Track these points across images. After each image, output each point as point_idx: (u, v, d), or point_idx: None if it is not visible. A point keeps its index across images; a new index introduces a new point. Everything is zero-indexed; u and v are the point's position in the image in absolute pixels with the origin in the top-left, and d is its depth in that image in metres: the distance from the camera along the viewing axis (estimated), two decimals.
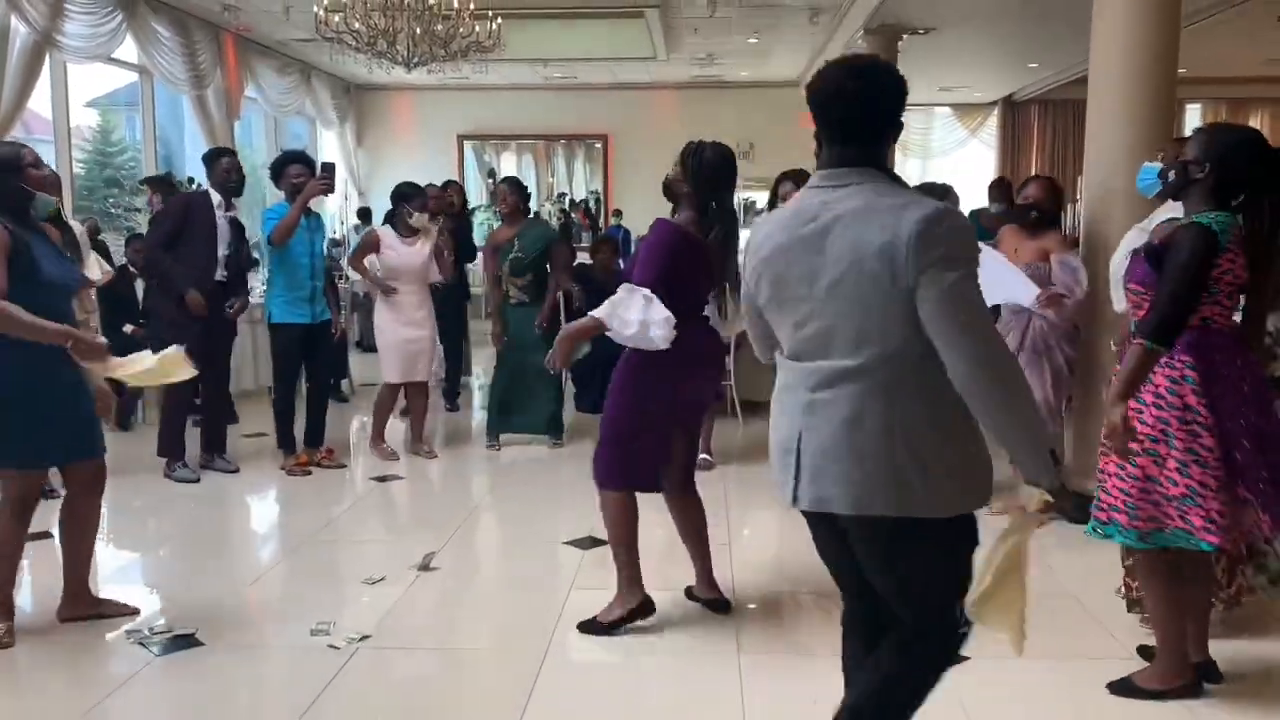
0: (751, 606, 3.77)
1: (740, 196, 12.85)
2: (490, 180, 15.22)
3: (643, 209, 12.55)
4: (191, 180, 9.45)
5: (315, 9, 8.15)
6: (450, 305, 7.08)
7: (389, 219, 6.40)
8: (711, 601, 3.71)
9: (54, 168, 9.39)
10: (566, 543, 4.42)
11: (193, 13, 10.86)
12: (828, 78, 2.16)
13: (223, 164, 5.59)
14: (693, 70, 14.50)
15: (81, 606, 3.59)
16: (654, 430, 3.48)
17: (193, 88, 10.99)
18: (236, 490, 5.54)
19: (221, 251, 5.49)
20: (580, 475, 4.78)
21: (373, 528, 4.94)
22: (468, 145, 16.12)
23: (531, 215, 6.61)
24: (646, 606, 3.54)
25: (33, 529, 4.60)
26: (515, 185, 6.24)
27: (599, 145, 16.23)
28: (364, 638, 3.41)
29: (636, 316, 3.26)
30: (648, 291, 3.28)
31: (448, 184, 8.32)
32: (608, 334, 3.33)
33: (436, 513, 5.09)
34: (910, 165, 15.78)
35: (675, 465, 3.65)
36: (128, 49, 10.20)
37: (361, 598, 3.85)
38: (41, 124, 11.32)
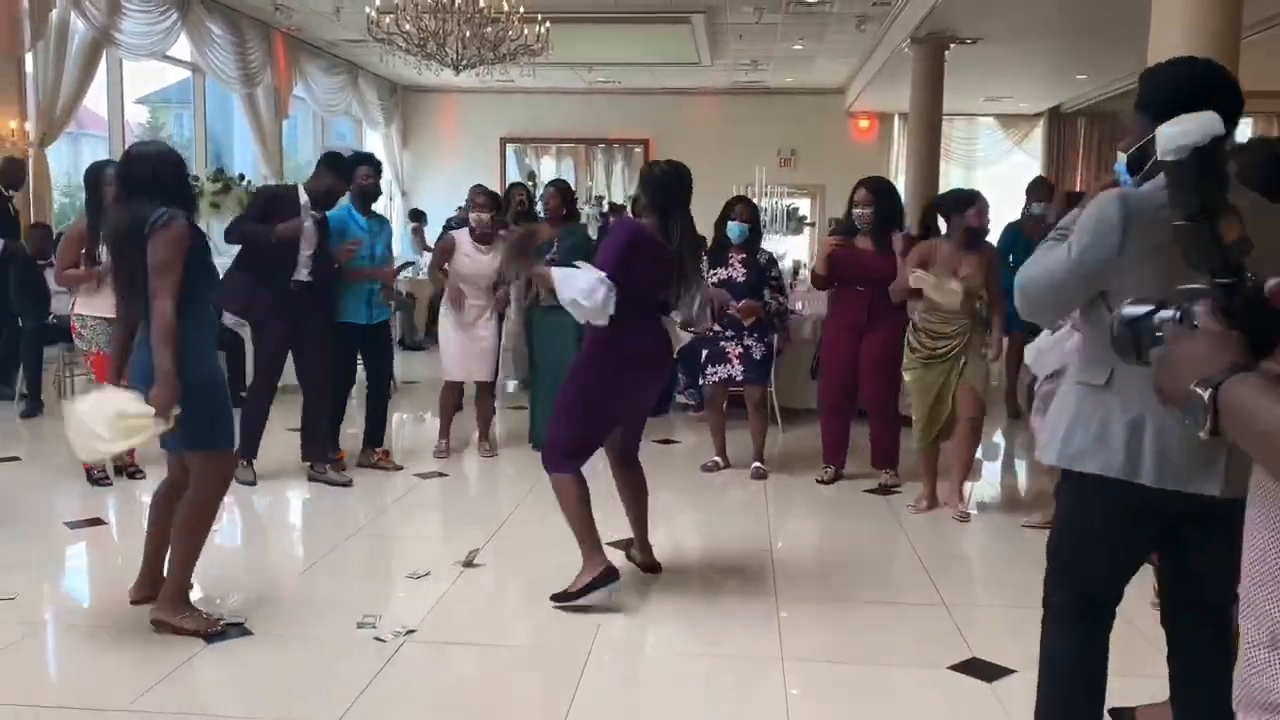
0: (785, 614, 3.76)
1: (783, 203, 12.84)
2: (530, 183, 15.31)
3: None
4: (242, 177, 9.57)
5: (367, 10, 8.25)
6: None
7: (454, 225, 6.46)
8: (645, 564, 4.09)
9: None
10: (608, 544, 4.43)
11: (245, 12, 11.02)
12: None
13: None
14: (736, 76, 14.52)
15: (156, 587, 3.62)
16: (597, 418, 3.79)
17: (243, 86, 11.15)
18: (284, 484, 5.62)
19: (305, 252, 5.23)
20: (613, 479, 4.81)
21: (418, 524, 4.99)
22: (509, 148, 16.23)
23: (576, 221, 6.63)
24: (610, 574, 3.73)
25: (84, 516, 4.73)
26: (561, 188, 6.27)
27: (639, 150, 16.27)
28: (409, 631, 3.44)
29: (583, 286, 3.61)
30: (601, 274, 3.61)
31: (514, 186, 8.42)
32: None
33: (481, 511, 5.13)
34: (952, 175, 15.67)
35: (615, 446, 3.97)
36: (181, 47, 10.38)
37: (406, 592, 3.89)
38: (94, 119, 11.54)
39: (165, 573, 3.55)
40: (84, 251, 5.19)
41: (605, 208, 15.79)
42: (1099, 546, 2.29)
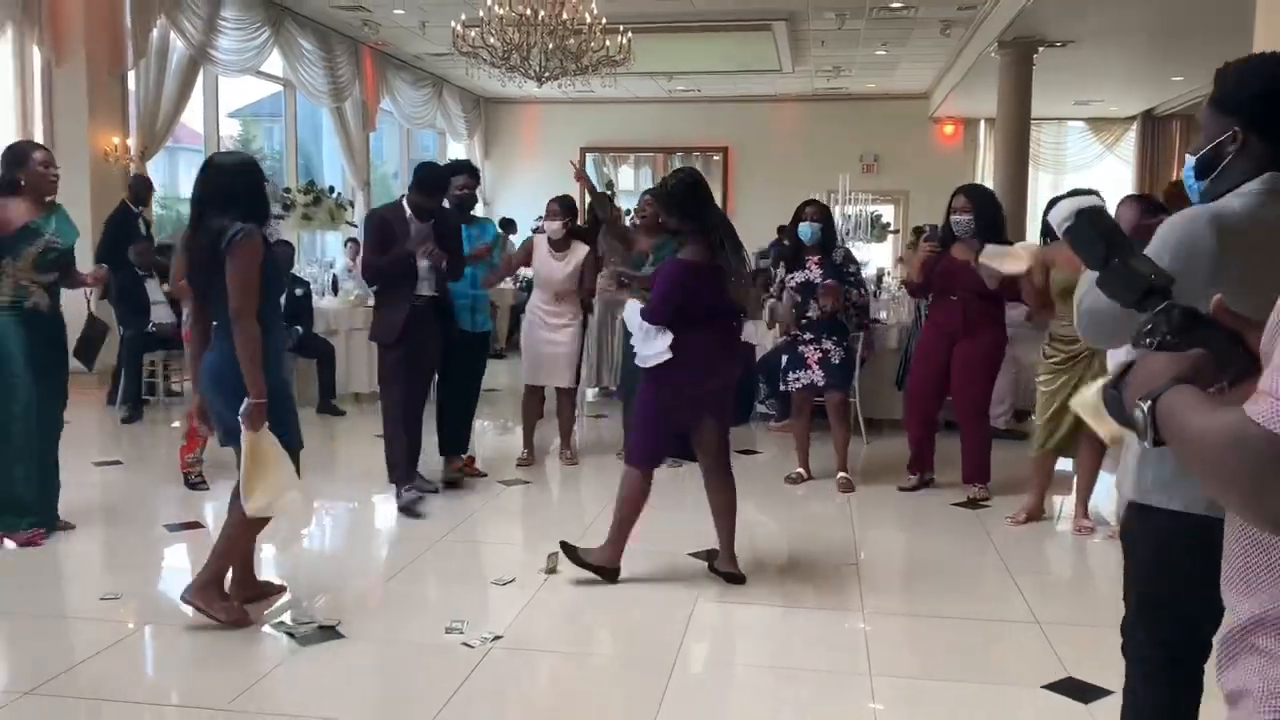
0: (870, 629, 3.70)
1: (867, 209, 12.69)
2: (609, 191, 15.38)
3: (761, 220, 12.51)
4: (332, 189, 9.79)
5: (452, 24, 8.39)
6: None
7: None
8: (729, 575, 4.11)
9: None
10: (690, 554, 4.42)
11: (335, 28, 11.31)
12: None
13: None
14: (817, 83, 14.42)
15: (250, 588, 3.77)
16: (669, 423, 4.07)
17: (332, 100, 11.43)
18: (372, 491, 5.73)
19: (424, 263, 5.01)
20: (701, 488, 4.78)
21: (502, 531, 5.04)
22: (589, 157, 16.34)
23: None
24: (612, 574, 4.04)
25: (183, 519, 4.88)
26: (657, 197, 6.28)
27: (716, 157, 16.26)
28: (496, 638, 3.47)
29: (644, 346, 3.98)
30: (652, 327, 3.94)
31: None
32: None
33: (563, 518, 5.15)
34: (1041, 181, 15.34)
35: (705, 453, 4.15)
36: (273, 62, 10.69)
37: (492, 598, 3.93)
38: (189, 134, 11.94)
39: (251, 570, 3.75)
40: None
41: None
42: (1183, 586, 2.03)
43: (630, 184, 16.59)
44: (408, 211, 5.08)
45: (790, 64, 12.93)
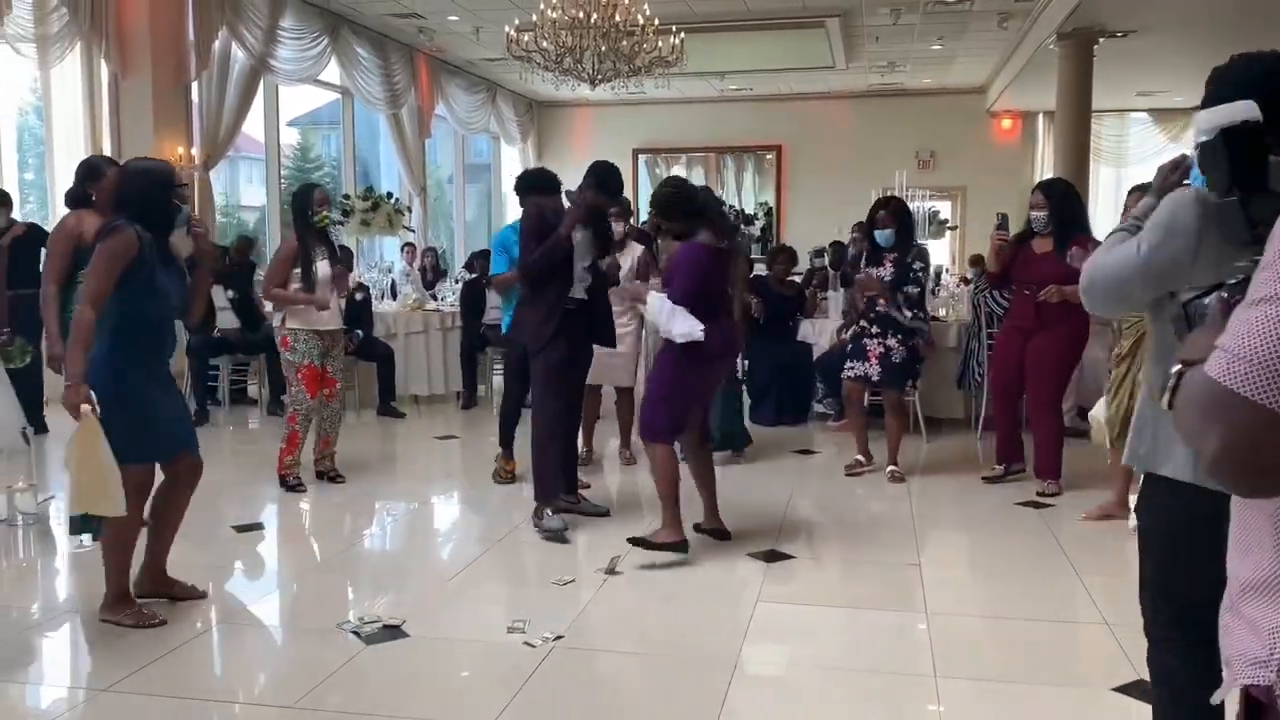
0: (935, 629, 3.65)
1: (924, 206, 12.53)
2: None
3: (815, 218, 12.45)
4: (390, 195, 9.91)
5: (506, 29, 8.46)
6: None
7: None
8: (714, 530, 4.55)
9: (265, 183, 10.06)
10: (750, 555, 4.41)
11: (390, 35, 11.45)
12: None
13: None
14: (871, 79, 14.29)
15: (158, 585, 3.84)
16: (685, 400, 4.37)
17: (389, 107, 11.57)
18: (433, 491, 5.80)
19: (582, 264, 4.84)
20: (759, 489, 4.79)
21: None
22: (641, 158, 16.37)
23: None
24: (683, 545, 4.29)
25: (252, 519, 4.97)
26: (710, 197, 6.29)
27: (770, 157, 16.18)
28: (558, 637, 3.49)
29: (669, 323, 4.24)
30: (678, 309, 4.21)
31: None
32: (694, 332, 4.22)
33: (621, 519, 5.16)
34: (1102, 174, 15.04)
35: (691, 428, 4.49)
36: (330, 71, 10.86)
37: (553, 598, 3.95)
38: (248, 143, 12.17)
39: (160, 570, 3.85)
40: (299, 269, 5.35)
41: (737, 220, 15.79)
42: (1187, 556, 2.10)
43: None
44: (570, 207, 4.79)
45: (844, 60, 12.82)
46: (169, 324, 3.71)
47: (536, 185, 5.36)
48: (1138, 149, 15.52)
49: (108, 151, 8.20)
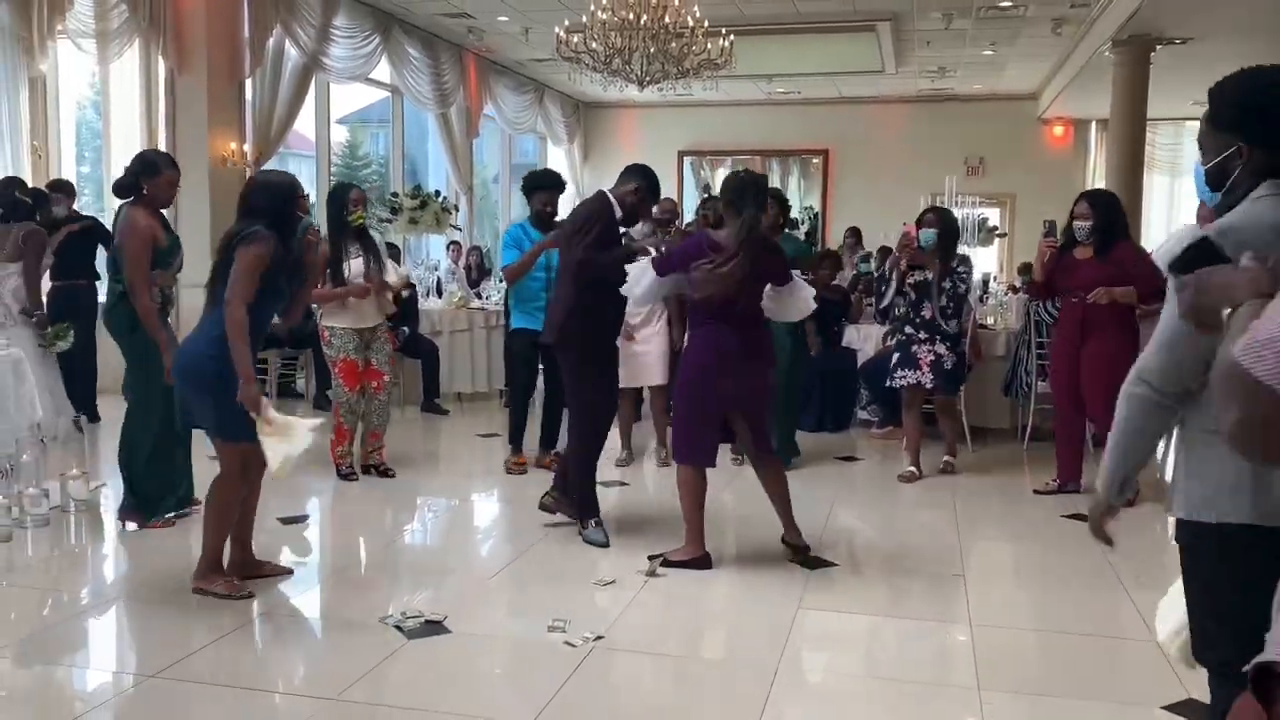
0: (979, 641, 3.60)
1: (974, 213, 12.38)
2: (705, 194, 15.37)
3: (862, 222, 12.32)
4: (438, 193, 9.98)
5: (555, 30, 8.49)
6: None
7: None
8: (793, 545, 4.40)
9: (314, 180, 10.15)
10: (792, 560, 4.38)
11: (441, 35, 11.54)
12: None
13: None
14: (921, 84, 14.16)
15: (249, 569, 4.03)
16: (705, 415, 4.25)
17: (438, 106, 11.66)
18: (475, 488, 5.83)
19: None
20: (802, 495, 4.75)
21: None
22: (686, 160, 16.35)
23: (789, 230, 6.63)
24: (705, 561, 4.25)
25: (296, 512, 5.01)
26: (777, 198, 6.28)
27: (816, 160, 16.09)
28: (598, 638, 3.49)
29: (640, 275, 4.26)
30: (646, 274, 4.24)
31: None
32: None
33: (661, 520, 5.15)
34: (1155, 184, 14.80)
35: (741, 442, 4.46)
36: (380, 70, 10.96)
37: (593, 598, 3.95)
38: (298, 140, 12.33)
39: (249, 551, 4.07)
40: (328, 269, 5.39)
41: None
42: (1245, 597, 1.84)
43: None
44: (617, 210, 4.61)
45: (894, 65, 12.72)
46: (269, 321, 4.00)
47: (542, 184, 5.83)
48: (1193, 159, 15.19)
49: (163, 146, 8.34)
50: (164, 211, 4.76)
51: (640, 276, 4.27)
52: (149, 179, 4.52)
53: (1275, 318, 1.08)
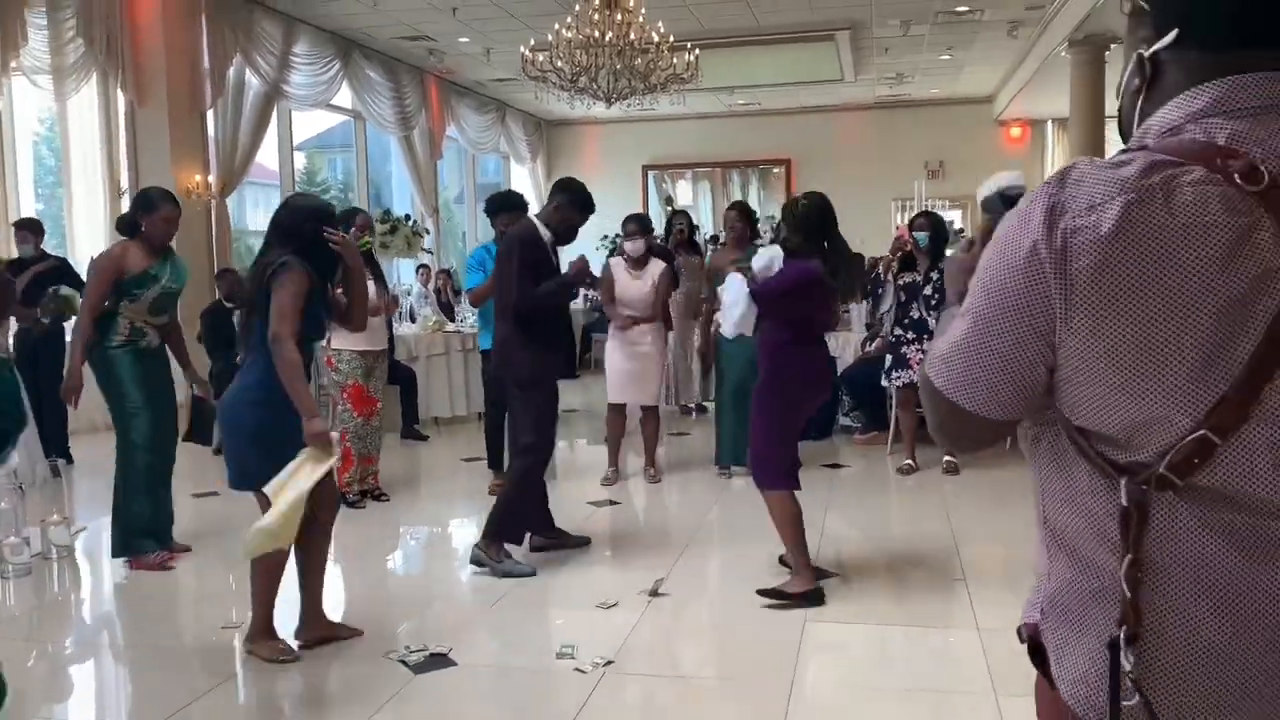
0: (991, 648, 3.60)
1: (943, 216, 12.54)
2: (668, 208, 15.39)
3: None
4: (408, 218, 9.90)
5: (521, 50, 8.47)
6: None
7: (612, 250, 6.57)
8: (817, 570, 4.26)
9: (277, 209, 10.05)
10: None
11: (400, 58, 11.48)
12: None
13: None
14: (879, 90, 14.31)
15: (322, 630, 3.71)
16: (790, 438, 4.15)
17: (401, 129, 11.60)
18: (466, 513, 5.76)
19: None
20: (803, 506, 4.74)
21: (597, 552, 5.00)
22: (650, 174, 16.39)
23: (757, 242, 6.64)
24: (818, 595, 3.98)
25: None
26: (743, 211, 6.31)
27: (776, 171, 16.18)
28: (608, 663, 3.45)
29: (732, 308, 4.11)
30: (744, 306, 4.07)
31: (676, 213, 8.59)
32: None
33: (658, 538, 5.13)
34: None
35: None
36: (342, 95, 10.88)
37: (598, 622, 3.90)
38: (257, 169, 12.18)
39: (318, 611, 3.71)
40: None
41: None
42: None
43: (689, 199, 16.58)
44: (545, 234, 4.52)
45: (853, 73, 12.84)
46: (313, 354, 3.82)
47: (505, 206, 5.74)
48: None
49: (125, 181, 8.22)
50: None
51: (735, 303, 4.10)
52: (145, 215, 4.48)
53: (951, 334, 1.15)
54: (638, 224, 6.24)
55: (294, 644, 3.61)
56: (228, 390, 3.58)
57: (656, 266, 6.14)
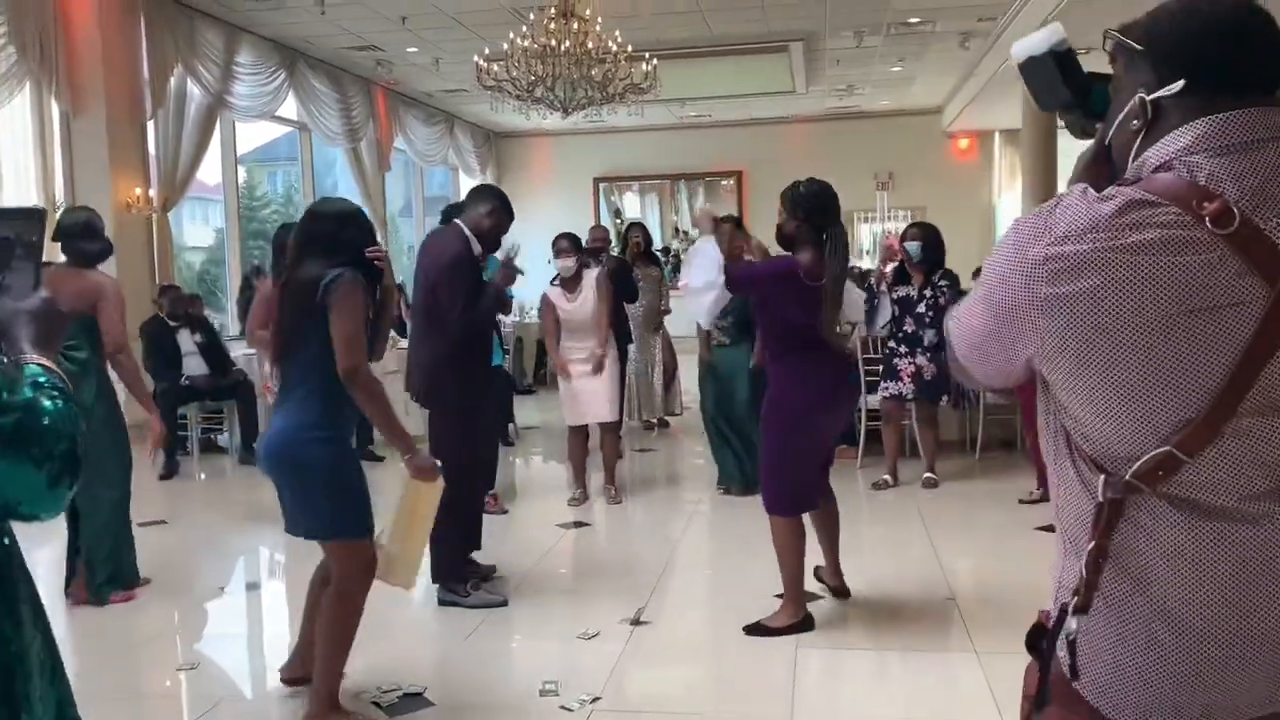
0: (983, 668, 3.49)
1: (883, 227, 12.59)
2: (618, 221, 15.26)
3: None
4: None
5: (475, 59, 8.28)
6: None
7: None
8: (835, 589, 4.16)
9: (224, 224, 9.72)
10: (777, 596, 4.21)
11: (347, 69, 11.22)
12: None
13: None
14: (829, 102, 14.32)
15: (309, 669, 3.35)
16: (807, 458, 3.83)
17: (348, 140, 11.32)
18: None
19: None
20: (763, 526, 4.60)
21: (571, 579, 4.83)
22: (600, 187, 16.26)
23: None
24: (808, 622, 3.82)
25: (239, 579, 4.67)
26: (640, 227, 6.15)
27: (725, 183, 16.16)
28: (595, 699, 3.27)
29: (697, 268, 3.70)
30: (709, 280, 3.63)
31: (632, 226, 8.44)
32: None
33: (633, 562, 4.95)
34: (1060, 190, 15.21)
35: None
36: (287, 107, 10.59)
37: (580, 654, 3.72)
38: (194, 183, 11.82)
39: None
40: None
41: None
42: None
43: (636, 211, 16.48)
44: (476, 246, 4.21)
45: (804, 84, 12.83)
46: None
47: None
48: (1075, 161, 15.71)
49: (60, 193, 7.86)
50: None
51: (704, 292, 3.67)
52: (91, 241, 4.32)
53: (969, 313, 1.30)
54: (569, 241, 6.01)
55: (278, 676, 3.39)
56: (276, 431, 3.07)
57: (589, 279, 5.91)
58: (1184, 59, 1.17)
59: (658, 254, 9.65)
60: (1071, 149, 1.45)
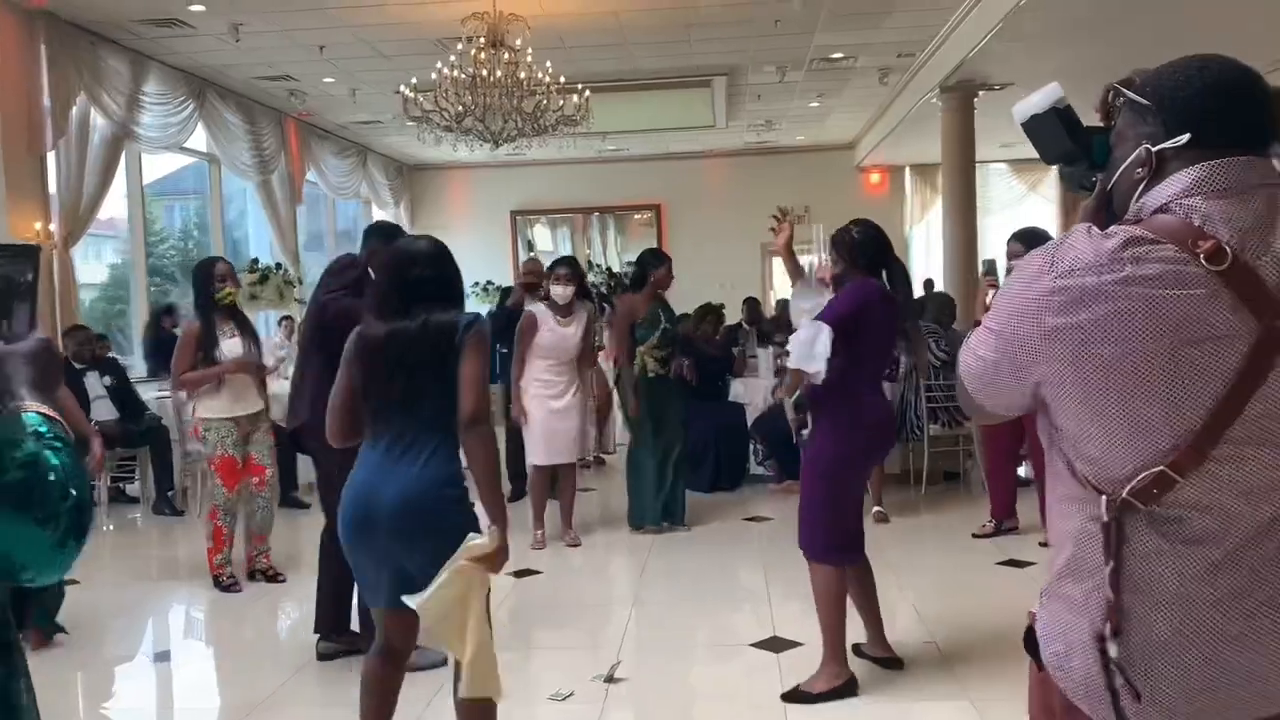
0: (970, 715, 3.39)
1: (806, 260, 12.64)
2: (531, 253, 15.05)
3: (698, 276, 12.33)
4: (279, 266, 9.25)
5: (401, 89, 8.03)
6: None
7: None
8: (882, 659, 3.77)
9: (128, 260, 9.23)
10: (754, 645, 4.06)
11: (258, 99, 10.83)
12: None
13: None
14: (747, 137, 14.41)
15: None
16: (846, 504, 3.60)
17: (258, 173, 10.91)
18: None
19: None
20: (728, 565, 4.45)
21: (537, 635, 4.57)
22: (519, 220, 16.06)
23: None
24: (852, 685, 3.53)
25: (161, 647, 4.30)
26: (570, 265, 5.95)
27: (638, 216, 16.13)
28: None
29: (804, 345, 3.42)
30: (814, 339, 3.39)
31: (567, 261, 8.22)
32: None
33: (599, 612, 4.74)
34: (986, 223, 15.59)
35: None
36: (196, 138, 10.15)
37: (555, 717, 3.49)
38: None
39: None
40: (201, 353, 4.90)
41: (604, 275, 15.42)
42: None
43: (549, 244, 16.31)
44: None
45: (724, 119, 12.85)
46: None
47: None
48: (1000, 197, 16.15)
49: None
50: None
51: (814, 338, 3.39)
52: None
53: (982, 346, 1.36)
54: (569, 268, 5.86)
55: None
56: (411, 486, 2.66)
57: (583, 312, 5.80)
58: (1189, 114, 1.29)
59: (590, 289, 9.46)
60: (994, 182, 1.72)
